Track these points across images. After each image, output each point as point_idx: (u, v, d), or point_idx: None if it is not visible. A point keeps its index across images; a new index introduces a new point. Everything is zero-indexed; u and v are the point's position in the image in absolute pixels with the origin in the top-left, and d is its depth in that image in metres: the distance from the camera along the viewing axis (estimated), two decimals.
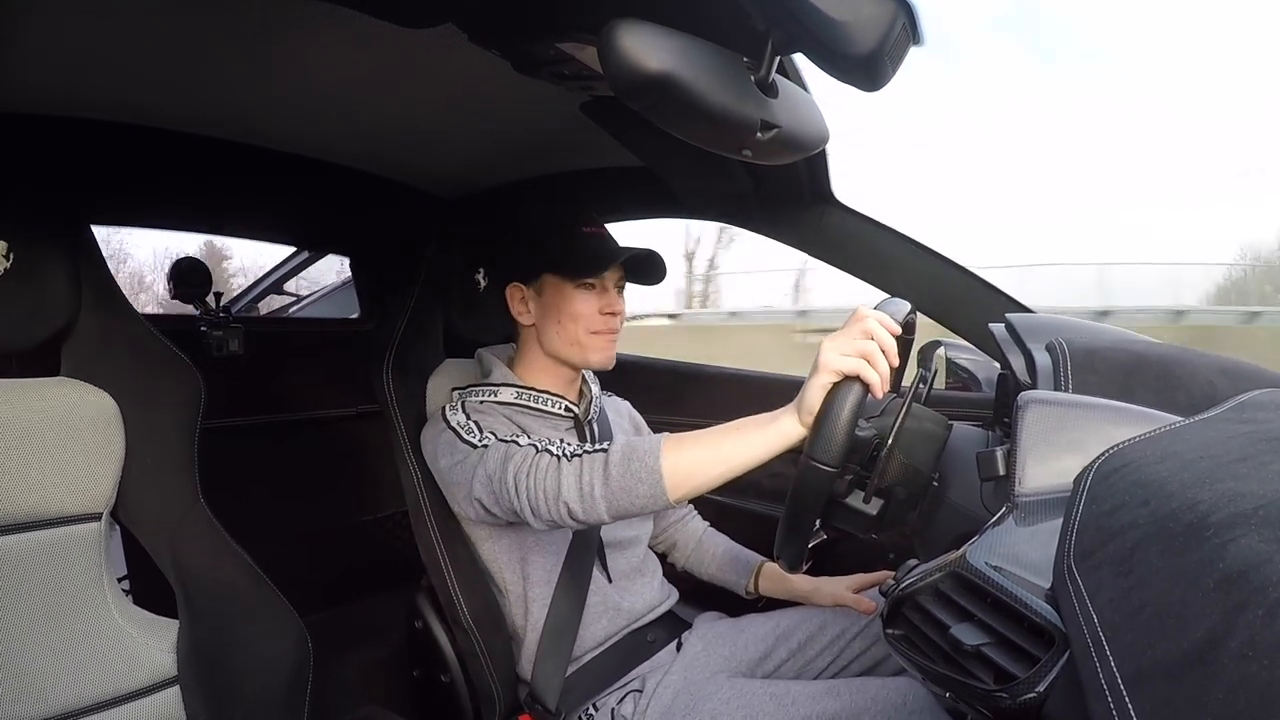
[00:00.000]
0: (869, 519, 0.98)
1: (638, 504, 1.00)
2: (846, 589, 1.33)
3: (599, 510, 1.01)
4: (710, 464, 0.98)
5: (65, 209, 1.00)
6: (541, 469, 1.06)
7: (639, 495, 0.99)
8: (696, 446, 0.99)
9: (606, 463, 1.01)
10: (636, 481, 0.99)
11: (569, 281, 1.27)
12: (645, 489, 0.99)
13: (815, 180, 1.42)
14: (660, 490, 0.98)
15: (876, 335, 0.89)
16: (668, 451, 0.99)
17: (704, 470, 0.98)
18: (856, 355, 0.88)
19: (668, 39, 0.65)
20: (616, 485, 1.00)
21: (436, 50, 1.04)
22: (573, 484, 1.02)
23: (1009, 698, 0.55)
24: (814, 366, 0.92)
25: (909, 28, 0.67)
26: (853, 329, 0.91)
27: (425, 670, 1.39)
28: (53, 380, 1.00)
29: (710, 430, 1.00)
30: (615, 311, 1.30)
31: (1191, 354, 0.95)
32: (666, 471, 0.98)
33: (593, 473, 1.02)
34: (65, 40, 1.00)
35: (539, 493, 1.05)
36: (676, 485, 0.98)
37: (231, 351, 1.86)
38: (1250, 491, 0.43)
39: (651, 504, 1.00)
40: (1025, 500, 0.73)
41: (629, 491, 0.99)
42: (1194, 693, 0.35)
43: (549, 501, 1.04)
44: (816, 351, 0.92)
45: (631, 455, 1.00)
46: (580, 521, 1.05)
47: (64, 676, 0.93)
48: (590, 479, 1.02)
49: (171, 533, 1.05)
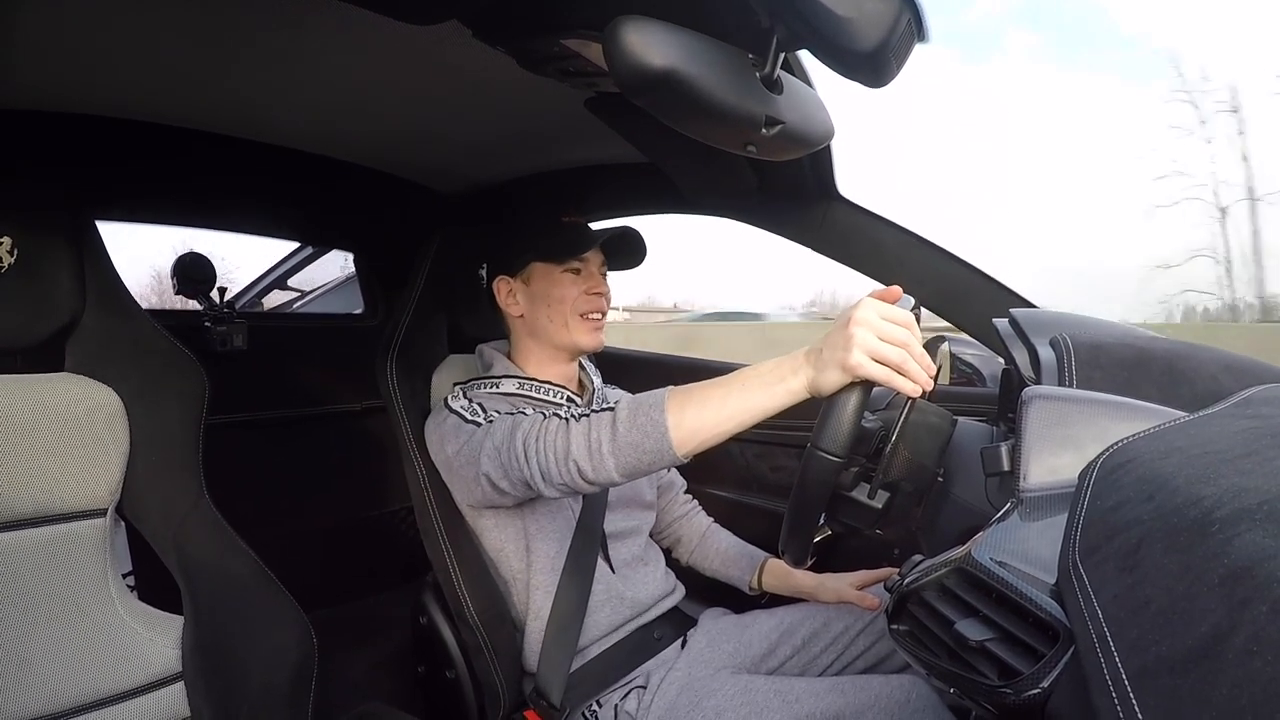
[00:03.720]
0: (874, 514, 0.99)
1: (646, 459, 0.99)
2: (851, 585, 1.33)
3: (608, 467, 1.01)
4: (715, 420, 0.96)
5: (70, 204, 1.00)
6: (550, 431, 1.06)
7: (647, 451, 0.98)
8: (703, 404, 0.96)
9: (614, 420, 1.01)
10: (644, 437, 0.98)
11: (556, 266, 1.30)
12: (652, 444, 0.97)
13: (820, 176, 1.42)
14: (667, 445, 0.97)
15: (912, 350, 0.85)
16: (672, 408, 0.97)
17: (709, 427, 0.96)
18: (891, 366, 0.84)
19: (673, 35, 0.65)
20: (624, 440, 0.99)
21: (441, 47, 1.04)
22: (581, 442, 1.02)
23: (1013, 693, 0.55)
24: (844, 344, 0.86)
25: (914, 24, 0.67)
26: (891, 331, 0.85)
27: (430, 666, 1.39)
28: (57, 376, 1.00)
29: (716, 382, 0.97)
30: (600, 292, 1.33)
31: (1196, 349, 0.95)
32: (672, 427, 0.97)
33: (600, 430, 1.02)
34: (70, 37, 1.00)
35: (549, 454, 1.05)
36: (683, 441, 0.96)
37: (236, 347, 1.86)
38: (1255, 487, 0.43)
39: (660, 460, 0.99)
40: (1030, 496, 0.73)
41: (637, 447, 0.98)
42: (1199, 688, 0.35)
43: (559, 462, 1.04)
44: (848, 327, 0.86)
45: (637, 410, 1.00)
46: (591, 482, 1.04)
47: (69, 672, 0.94)
48: (598, 435, 1.01)
49: (176, 528, 1.05)
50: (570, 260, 1.31)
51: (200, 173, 1.58)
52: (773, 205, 1.52)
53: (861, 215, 1.46)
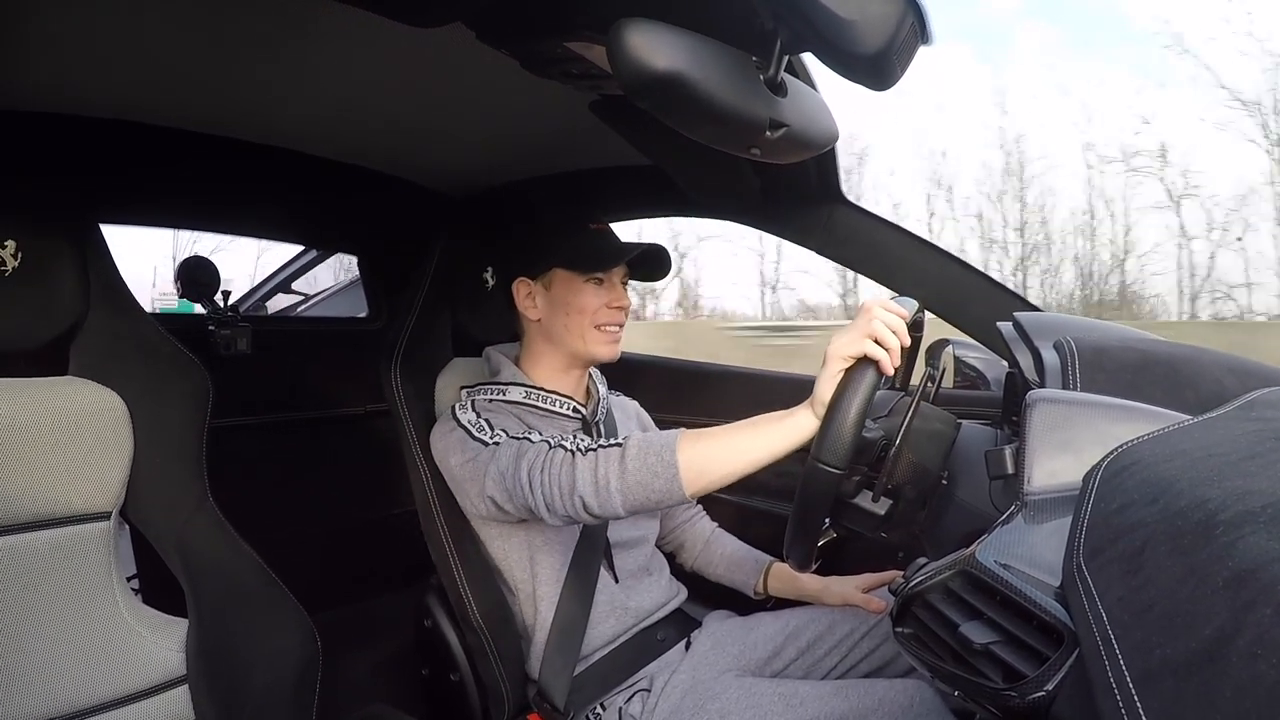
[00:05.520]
0: (878, 518, 0.99)
1: (654, 498, 1.00)
2: (855, 588, 1.33)
3: (614, 504, 1.02)
4: (726, 459, 0.99)
5: (74, 207, 1.00)
6: (556, 463, 1.06)
7: (655, 489, 1.00)
8: (712, 441, 1.00)
9: (623, 456, 1.02)
10: (652, 476, 0.99)
11: (579, 275, 1.28)
12: (661, 483, 0.99)
13: (824, 179, 1.42)
14: (676, 484, 0.99)
15: (881, 317, 0.91)
16: (684, 446, 1.00)
17: (720, 465, 0.99)
18: (863, 337, 0.90)
19: (676, 38, 0.65)
20: (632, 479, 1.00)
21: (445, 49, 1.05)
22: (588, 478, 1.03)
23: (1018, 696, 0.55)
24: (824, 360, 0.94)
25: (918, 27, 0.67)
26: (858, 319, 0.92)
27: (434, 669, 1.39)
28: (61, 379, 1.00)
29: (726, 426, 1.01)
30: (622, 305, 1.32)
31: (1200, 352, 0.95)
32: (682, 465, 0.98)
33: (608, 466, 1.02)
34: (74, 39, 1.01)
35: (554, 487, 1.05)
36: (692, 480, 0.99)
37: (240, 350, 1.87)
38: (1259, 489, 0.42)
39: (667, 498, 1.00)
40: (1034, 498, 0.73)
41: (645, 485, 1.00)
42: (1203, 691, 0.35)
43: (564, 496, 1.04)
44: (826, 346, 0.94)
45: (648, 449, 1.01)
46: (595, 516, 1.05)
47: (73, 675, 0.94)
48: (606, 472, 1.02)
49: (180, 531, 1.05)
50: (595, 272, 1.30)
51: (205, 176, 1.58)
52: (776, 208, 1.52)
53: (865, 218, 1.46)
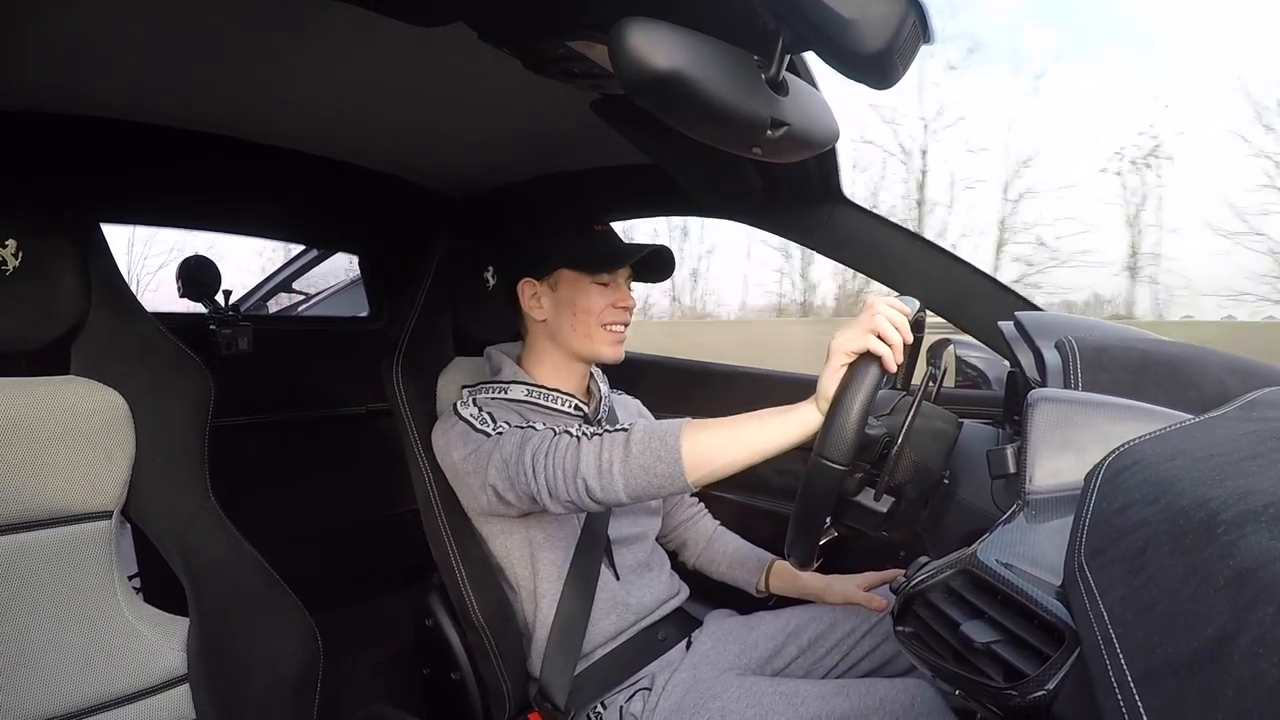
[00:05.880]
0: (880, 517, 0.98)
1: (656, 484, 1.01)
2: (857, 586, 1.33)
3: (616, 488, 1.02)
4: (729, 449, 0.99)
5: (75, 207, 1.00)
6: (561, 448, 1.06)
7: (658, 474, 1.00)
8: (717, 431, 1.00)
9: (628, 440, 1.02)
10: (656, 460, 0.99)
11: (586, 276, 1.29)
12: (664, 468, 0.99)
13: (825, 178, 1.42)
14: (679, 471, 0.99)
15: (884, 312, 0.91)
16: (688, 434, 1.00)
17: (723, 454, 0.99)
18: (866, 332, 0.90)
19: (678, 37, 0.65)
20: (636, 463, 1.00)
21: (446, 49, 1.05)
22: (591, 461, 1.03)
23: (1019, 695, 0.55)
24: (827, 355, 0.95)
25: (919, 26, 0.67)
26: (861, 315, 0.93)
27: (435, 668, 1.39)
28: (62, 379, 1.00)
29: (731, 417, 1.02)
30: (628, 305, 1.33)
31: (1202, 352, 0.95)
32: (686, 453, 0.99)
33: (613, 450, 1.03)
34: (75, 39, 1.01)
35: (557, 471, 1.05)
36: (695, 467, 0.99)
37: (241, 350, 1.87)
38: (1261, 489, 0.42)
39: (669, 484, 1.00)
40: (1036, 498, 0.73)
41: (648, 470, 1.00)
42: (1204, 690, 0.35)
43: (567, 479, 1.04)
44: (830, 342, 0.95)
45: (652, 435, 1.01)
46: (598, 501, 1.05)
47: (74, 674, 0.94)
48: (610, 456, 1.02)
49: (181, 531, 1.05)
50: (602, 273, 1.30)
51: (206, 176, 1.58)
52: (778, 207, 1.52)
53: (866, 218, 1.46)
